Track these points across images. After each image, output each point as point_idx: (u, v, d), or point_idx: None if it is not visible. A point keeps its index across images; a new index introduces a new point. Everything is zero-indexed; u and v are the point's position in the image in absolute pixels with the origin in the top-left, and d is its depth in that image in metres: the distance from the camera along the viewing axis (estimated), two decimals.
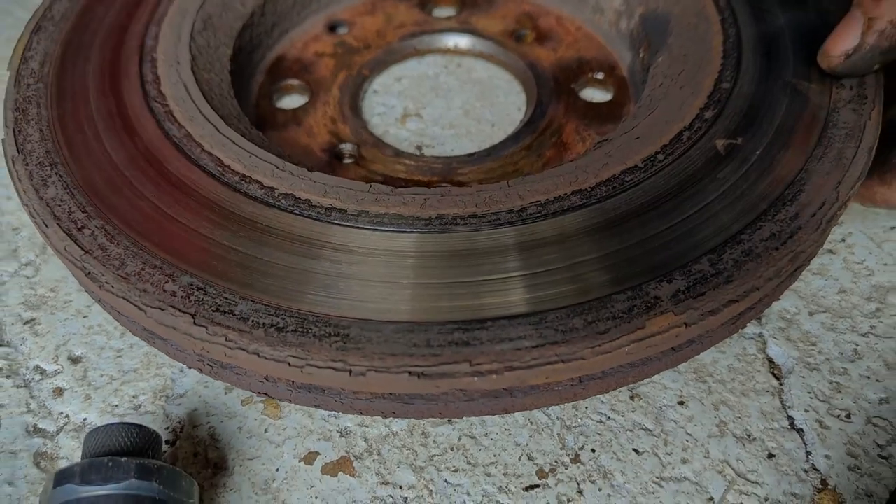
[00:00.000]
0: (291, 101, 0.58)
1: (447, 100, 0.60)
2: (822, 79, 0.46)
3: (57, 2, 0.53)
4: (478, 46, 0.62)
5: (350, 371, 0.36)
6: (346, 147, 0.54)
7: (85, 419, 0.43)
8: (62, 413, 0.44)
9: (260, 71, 0.60)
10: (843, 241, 0.50)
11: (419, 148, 0.56)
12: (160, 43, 0.50)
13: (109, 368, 0.45)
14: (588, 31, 0.61)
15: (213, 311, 0.37)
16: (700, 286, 0.37)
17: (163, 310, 0.38)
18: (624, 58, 0.59)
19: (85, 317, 0.48)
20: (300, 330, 0.37)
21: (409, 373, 0.36)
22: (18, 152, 0.45)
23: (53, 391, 0.44)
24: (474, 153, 0.54)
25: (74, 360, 0.46)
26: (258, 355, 0.36)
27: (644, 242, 0.39)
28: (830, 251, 0.49)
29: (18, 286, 0.49)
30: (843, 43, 0.44)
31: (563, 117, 0.56)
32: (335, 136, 0.55)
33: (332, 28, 0.63)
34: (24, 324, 0.47)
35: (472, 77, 0.61)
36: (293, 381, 0.38)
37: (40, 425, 0.43)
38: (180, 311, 0.37)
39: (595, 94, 0.58)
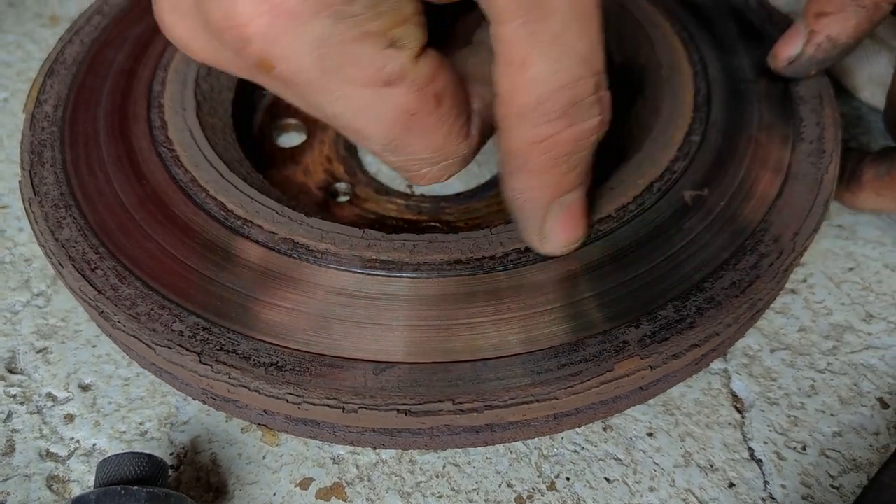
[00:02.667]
0: (290, 139, 0.62)
1: None
2: (784, 132, 0.50)
3: (69, 46, 0.56)
4: None
5: (343, 408, 0.39)
6: (341, 186, 0.57)
7: (95, 444, 0.46)
8: (73, 438, 0.47)
9: (260, 109, 0.63)
10: (805, 281, 0.53)
11: (410, 186, 0.59)
12: (167, 88, 0.53)
13: (117, 396, 0.48)
14: None
15: (218, 350, 0.41)
16: (665, 331, 0.41)
17: (171, 348, 0.41)
18: None
19: (94, 346, 0.51)
20: (298, 369, 0.40)
21: (397, 410, 0.39)
22: (35, 194, 0.48)
23: (65, 417, 0.48)
24: (461, 193, 0.57)
25: (84, 388, 0.49)
26: (259, 392, 0.40)
27: (614, 290, 0.43)
28: (793, 291, 0.53)
29: (31, 316, 0.52)
30: (788, 50, 0.51)
31: None
32: (330, 174, 0.58)
33: None
34: (37, 352, 0.51)
35: None
36: (290, 416, 0.41)
37: (52, 450, 0.46)
38: (187, 349, 0.41)
39: None
